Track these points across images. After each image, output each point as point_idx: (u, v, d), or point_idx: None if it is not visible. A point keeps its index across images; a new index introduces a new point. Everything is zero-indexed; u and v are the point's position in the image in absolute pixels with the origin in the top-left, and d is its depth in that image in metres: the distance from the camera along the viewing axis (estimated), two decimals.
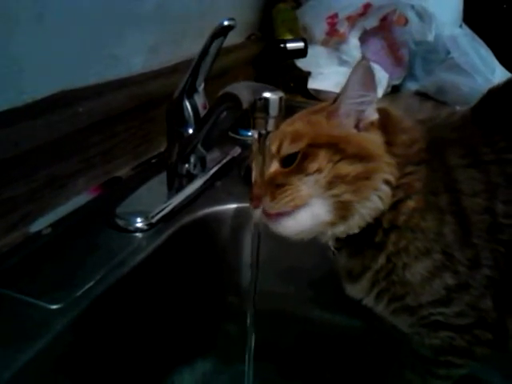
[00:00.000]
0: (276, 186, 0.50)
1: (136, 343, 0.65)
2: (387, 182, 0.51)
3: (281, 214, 0.51)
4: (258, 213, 0.50)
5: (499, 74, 1.30)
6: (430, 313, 0.53)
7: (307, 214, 0.50)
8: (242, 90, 0.49)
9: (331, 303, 0.77)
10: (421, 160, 0.52)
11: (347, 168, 0.49)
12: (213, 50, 0.70)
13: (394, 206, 0.51)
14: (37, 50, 0.66)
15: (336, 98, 0.54)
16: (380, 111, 0.53)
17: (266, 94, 0.45)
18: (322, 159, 0.50)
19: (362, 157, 0.50)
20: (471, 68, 1.31)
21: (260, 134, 0.47)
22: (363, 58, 0.52)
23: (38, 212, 0.68)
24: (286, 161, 0.52)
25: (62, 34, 0.69)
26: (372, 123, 0.52)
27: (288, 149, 0.52)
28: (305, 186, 0.50)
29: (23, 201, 0.65)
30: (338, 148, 0.50)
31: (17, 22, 0.62)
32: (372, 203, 0.51)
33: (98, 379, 0.58)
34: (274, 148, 0.53)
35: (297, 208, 0.50)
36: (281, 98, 0.46)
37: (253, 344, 0.56)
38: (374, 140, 0.52)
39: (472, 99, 0.56)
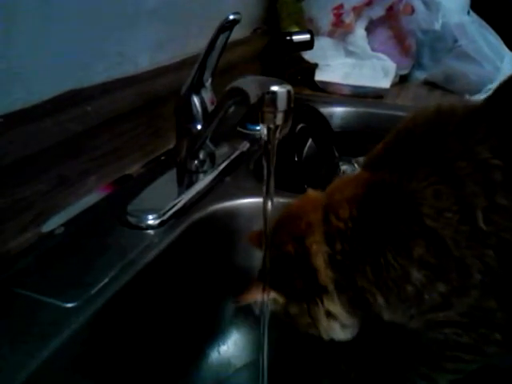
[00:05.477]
0: None
1: (152, 340, 0.65)
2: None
3: None
4: None
5: (509, 61, 1.28)
6: (433, 317, 0.52)
7: None
8: (250, 84, 0.49)
9: None
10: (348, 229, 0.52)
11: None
12: (219, 44, 0.70)
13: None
14: (42, 50, 0.66)
15: None
16: None
17: (274, 88, 0.45)
18: None
19: None
20: (480, 55, 1.30)
21: (269, 129, 0.47)
22: None
23: (50, 212, 0.68)
24: None
25: (67, 33, 0.69)
26: None
27: None
28: None
29: (35, 201, 0.65)
30: None
31: (22, 21, 0.62)
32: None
33: (115, 378, 0.58)
34: None
35: None
36: (289, 92, 0.46)
37: (266, 339, 0.57)
38: None
39: (481, 87, 0.54)
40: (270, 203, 0.52)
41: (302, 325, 0.58)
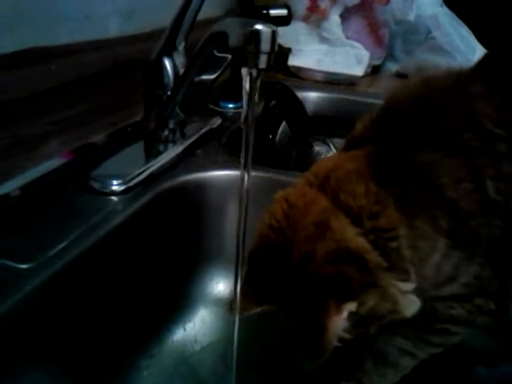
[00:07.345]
0: None
1: (111, 312, 0.60)
2: None
3: None
4: None
5: (480, 55, 1.29)
6: (439, 293, 0.51)
7: None
8: (231, 26, 0.45)
9: None
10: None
11: None
12: (195, 3, 0.66)
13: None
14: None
15: None
16: None
17: (258, 27, 0.42)
18: None
19: None
20: (452, 48, 1.30)
21: (251, 74, 0.43)
22: None
23: (6, 174, 0.63)
24: None
25: None
26: None
27: None
28: None
29: None
30: None
31: None
32: None
33: (67, 344, 0.53)
34: None
35: None
36: (274, 32, 0.42)
37: (237, 317, 0.53)
38: None
39: None
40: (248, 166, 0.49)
41: (382, 312, 0.48)
